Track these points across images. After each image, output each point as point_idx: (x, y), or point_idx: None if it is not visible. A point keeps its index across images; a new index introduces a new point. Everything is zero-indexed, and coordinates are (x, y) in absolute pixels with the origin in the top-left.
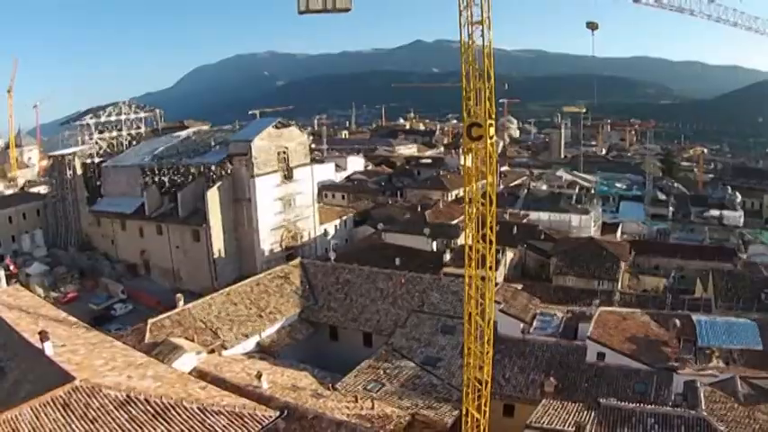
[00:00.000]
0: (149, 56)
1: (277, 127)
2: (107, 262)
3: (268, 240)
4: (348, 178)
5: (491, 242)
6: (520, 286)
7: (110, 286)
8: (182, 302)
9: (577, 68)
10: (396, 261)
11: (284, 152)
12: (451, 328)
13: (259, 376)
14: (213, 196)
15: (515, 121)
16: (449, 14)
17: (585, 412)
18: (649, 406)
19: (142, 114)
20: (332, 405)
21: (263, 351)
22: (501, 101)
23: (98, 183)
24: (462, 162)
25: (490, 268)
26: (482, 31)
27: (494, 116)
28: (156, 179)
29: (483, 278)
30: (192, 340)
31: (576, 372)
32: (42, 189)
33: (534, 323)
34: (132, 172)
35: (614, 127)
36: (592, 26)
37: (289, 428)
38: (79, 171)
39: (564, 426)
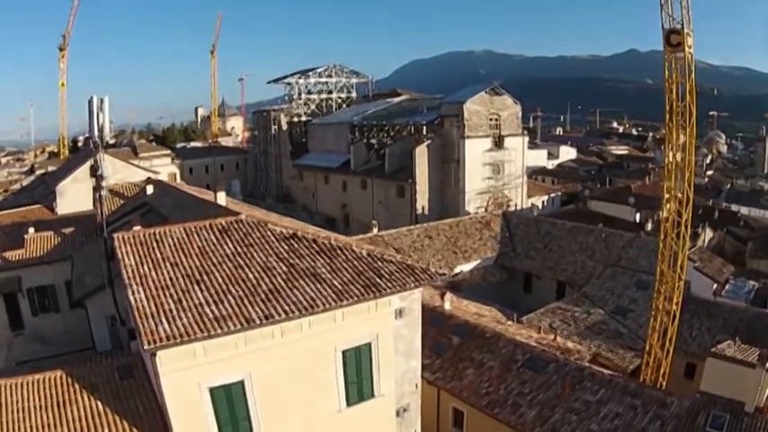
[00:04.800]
0: (368, 48)
1: (490, 94)
2: (306, 214)
3: (473, 203)
4: (559, 165)
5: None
6: None
7: None
8: (376, 229)
9: None
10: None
11: (496, 119)
12: (646, 283)
13: (442, 295)
14: (422, 153)
15: (723, 136)
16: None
17: None
18: None
19: (354, 80)
20: (513, 331)
21: (452, 286)
22: (711, 113)
23: (303, 139)
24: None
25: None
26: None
27: (691, 28)
28: (365, 139)
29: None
30: None
31: (761, 339)
32: None
33: (726, 287)
34: (341, 129)
35: None
36: None
37: (465, 344)
38: (284, 127)
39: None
